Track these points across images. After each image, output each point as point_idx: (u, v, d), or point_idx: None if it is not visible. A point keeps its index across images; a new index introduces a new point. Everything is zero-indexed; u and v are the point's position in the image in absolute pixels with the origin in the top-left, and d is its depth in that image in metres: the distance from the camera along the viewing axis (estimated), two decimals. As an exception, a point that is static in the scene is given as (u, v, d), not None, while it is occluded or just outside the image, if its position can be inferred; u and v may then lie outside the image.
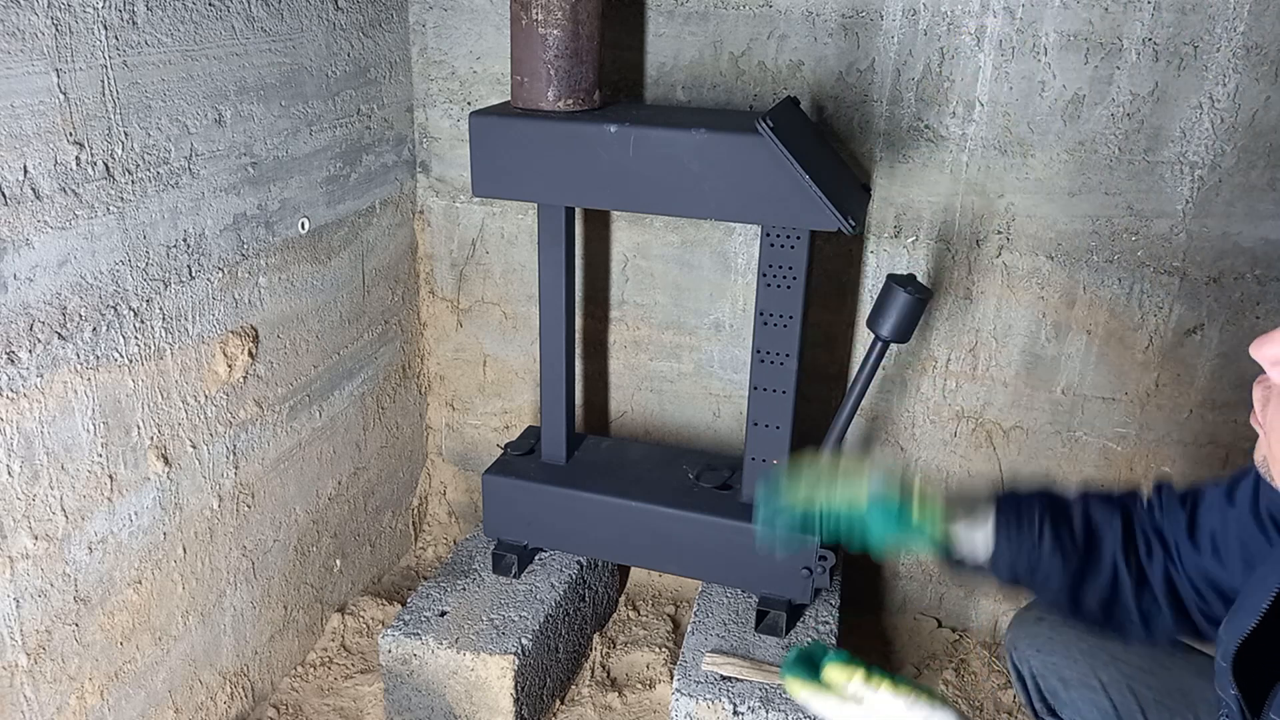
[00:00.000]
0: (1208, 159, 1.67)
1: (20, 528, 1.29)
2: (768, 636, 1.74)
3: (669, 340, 2.07)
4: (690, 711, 1.61)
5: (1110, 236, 1.76)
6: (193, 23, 1.43)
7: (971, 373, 1.92)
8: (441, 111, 2.04)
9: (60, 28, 1.22)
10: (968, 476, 1.99)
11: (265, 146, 1.62)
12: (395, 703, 1.78)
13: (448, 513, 2.40)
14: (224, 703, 1.74)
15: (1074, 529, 1.15)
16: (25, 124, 1.20)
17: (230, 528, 1.68)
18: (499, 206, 2.08)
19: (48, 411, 1.30)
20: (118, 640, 1.48)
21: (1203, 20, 1.60)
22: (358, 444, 2.05)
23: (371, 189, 1.95)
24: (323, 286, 1.84)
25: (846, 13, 1.75)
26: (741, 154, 1.51)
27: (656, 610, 2.15)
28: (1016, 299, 1.84)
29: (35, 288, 1.25)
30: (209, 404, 1.59)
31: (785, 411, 1.72)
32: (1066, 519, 1.16)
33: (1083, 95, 1.69)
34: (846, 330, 1.97)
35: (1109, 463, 1.90)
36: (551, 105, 1.64)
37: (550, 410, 1.89)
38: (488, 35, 1.96)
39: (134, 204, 1.38)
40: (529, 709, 1.77)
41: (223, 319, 1.59)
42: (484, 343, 2.21)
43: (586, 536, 1.87)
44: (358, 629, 2.05)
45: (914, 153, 1.81)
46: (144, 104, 1.36)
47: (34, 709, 1.35)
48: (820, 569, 1.72)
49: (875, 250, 1.89)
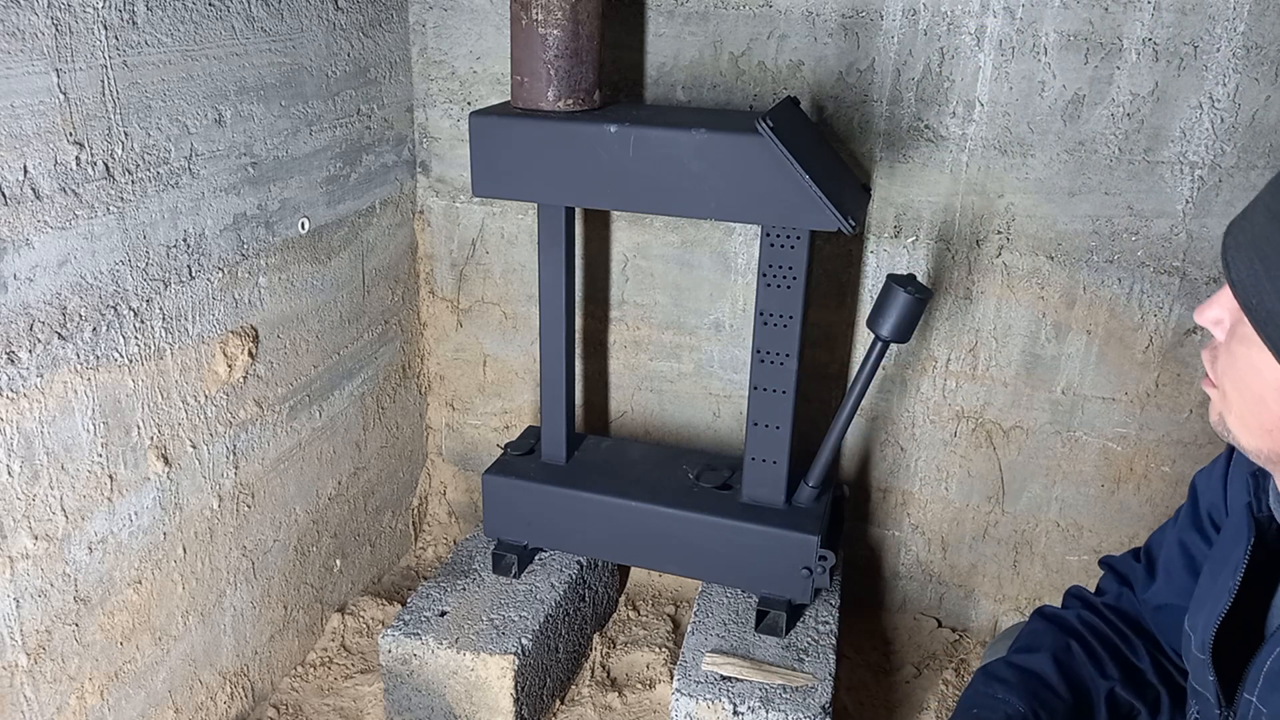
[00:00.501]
0: (1208, 159, 1.67)
1: (20, 528, 1.29)
2: (768, 636, 1.74)
3: (669, 340, 2.07)
4: (690, 711, 1.61)
5: (1110, 236, 1.76)
6: (193, 23, 1.43)
7: (971, 372, 1.92)
8: (441, 111, 2.04)
9: (60, 28, 1.22)
10: (968, 477, 1.99)
11: (265, 146, 1.62)
12: (395, 703, 1.78)
13: (448, 513, 2.40)
14: (224, 703, 1.74)
15: (1058, 692, 1.12)
16: (25, 124, 1.20)
17: (230, 528, 1.68)
18: (499, 206, 2.08)
19: (48, 411, 1.30)
20: (118, 640, 1.48)
21: (1203, 20, 1.60)
22: (358, 444, 2.05)
23: (371, 189, 1.95)
24: (323, 286, 1.84)
25: (846, 13, 1.75)
26: (741, 154, 1.51)
27: (656, 610, 2.15)
28: (1016, 299, 1.84)
29: (35, 288, 1.25)
30: (209, 404, 1.59)
31: (785, 411, 1.72)
32: (1048, 690, 1.13)
33: (1083, 95, 1.69)
34: (846, 330, 1.97)
35: (1109, 463, 1.90)
36: (551, 105, 1.64)
37: (550, 410, 1.89)
38: (488, 35, 1.96)
39: (134, 204, 1.38)
40: (529, 709, 1.77)
41: (223, 319, 1.59)
42: (484, 343, 2.21)
43: (586, 536, 1.87)
44: (358, 629, 2.05)
45: (914, 153, 1.81)
46: (144, 104, 1.36)
47: (34, 709, 1.35)
48: (820, 569, 1.72)
49: (875, 250, 1.89)
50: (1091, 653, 1.14)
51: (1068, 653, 1.15)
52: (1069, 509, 1.96)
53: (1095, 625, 1.18)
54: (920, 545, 2.09)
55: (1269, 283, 0.76)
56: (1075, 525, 1.97)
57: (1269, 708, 0.90)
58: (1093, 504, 1.94)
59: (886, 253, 1.89)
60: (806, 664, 1.68)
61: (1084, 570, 1.99)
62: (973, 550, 2.06)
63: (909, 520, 2.08)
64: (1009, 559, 2.04)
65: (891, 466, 2.04)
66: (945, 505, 2.03)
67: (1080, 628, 1.17)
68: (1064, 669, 1.13)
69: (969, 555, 2.06)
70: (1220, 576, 0.98)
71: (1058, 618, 1.20)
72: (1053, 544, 2.00)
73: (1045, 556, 2.01)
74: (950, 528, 2.05)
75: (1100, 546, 1.96)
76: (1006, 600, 2.07)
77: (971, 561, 2.07)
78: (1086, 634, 1.16)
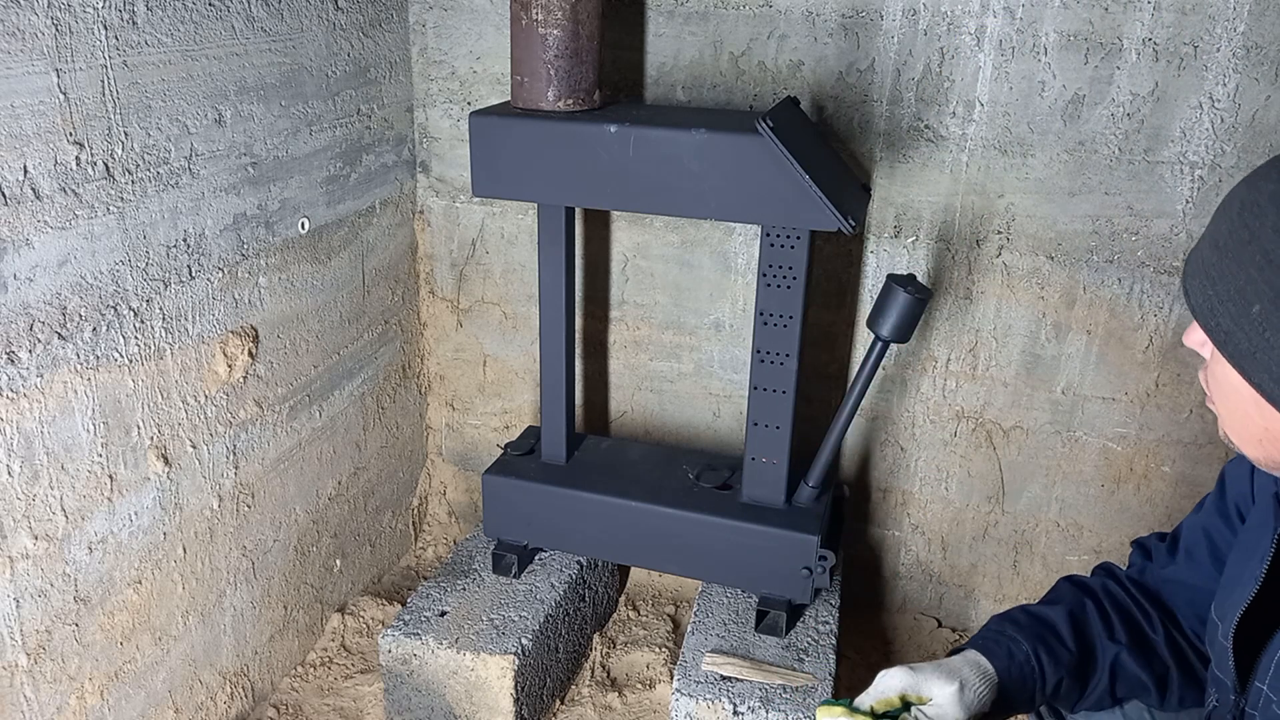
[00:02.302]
0: (1208, 159, 1.67)
1: (20, 528, 1.29)
2: (768, 636, 1.74)
3: (669, 340, 2.07)
4: (690, 711, 1.61)
5: (1110, 236, 1.76)
6: (193, 23, 1.43)
7: (971, 372, 1.92)
8: (441, 111, 2.04)
9: (60, 28, 1.22)
10: (968, 477, 1.99)
11: (265, 146, 1.62)
12: (395, 703, 1.78)
13: (448, 513, 2.40)
14: (224, 703, 1.74)
15: (1064, 641, 1.15)
16: (25, 124, 1.20)
17: (230, 528, 1.68)
18: (499, 206, 2.08)
19: (48, 411, 1.30)
20: (118, 640, 1.48)
21: (1203, 20, 1.60)
22: (358, 444, 2.05)
23: (371, 189, 1.95)
24: (323, 286, 1.84)
25: (846, 13, 1.75)
26: (741, 154, 1.51)
27: (656, 610, 2.15)
28: (1016, 299, 1.84)
29: (35, 288, 1.25)
30: (209, 404, 1.59)
31: (785, 411, 1.72)
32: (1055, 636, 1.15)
33: (1083, 95, 1.69)
34: (846, 330, 1.97)
35: (1109, 463, 1.90)
36: (551, 105, 1.64)
37: (550, 410, 1.89)
38: (488, 35, 1.96)
39: (134, 204, 1.38)
40: (529, 709, 1.77)
41: (223, 319, 1.59)
42: (484, 343, 2.21)
43: (586, 536, 1.87)
44: (358, 629, 2.05)
45: (914, 153, 1.81)
46: (144, 104, 1.36)
47: (34, 709, 1.35)
48: (820, 569, 1.72)
49: (875, 250, 1.89)
50: (1104, 615, 1.17)
51: (1082, 610, 1.18)
52: (1069, 509, 1.96)
53: (1114, 592, 1.21)
54: (920, 545, 2.09)
55: (1220, 305, 0.82)
56: (1075, 525, 1.97)
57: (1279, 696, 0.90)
58: (1093, 504, 1.94)
59: (886, 253, 1.89)
60: (806, 664, 1.68)
61: (1084, 570, 1.98)
62: (973, 550, 2.06)
63: (909, 520, 2.08)
64: (1009, 559, 2.04)
65: (891, 466, 2.04)
66: (945, 505, 2.03)
67: (1099, 592, 1.20)
68: (1076, 623, 1.16)
69: (969, 555, 2.06)
70: (1248, 564, 1.00)
71: (1081, 582, 1.23)
72: (1053, 544, 2.00)
73: (1045, 556, 2.01)
74: (950, 528, 2.05)
75: (1100, 546, 1.96)
76: (1006, 600, 2.06)
77: (971, 561, 2.07)
78: (1103, 598, 1.19)
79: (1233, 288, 0.81)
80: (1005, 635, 1.14)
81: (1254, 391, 0.82)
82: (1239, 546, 1.07)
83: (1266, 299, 0.78)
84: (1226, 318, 0.82)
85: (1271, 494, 1.00)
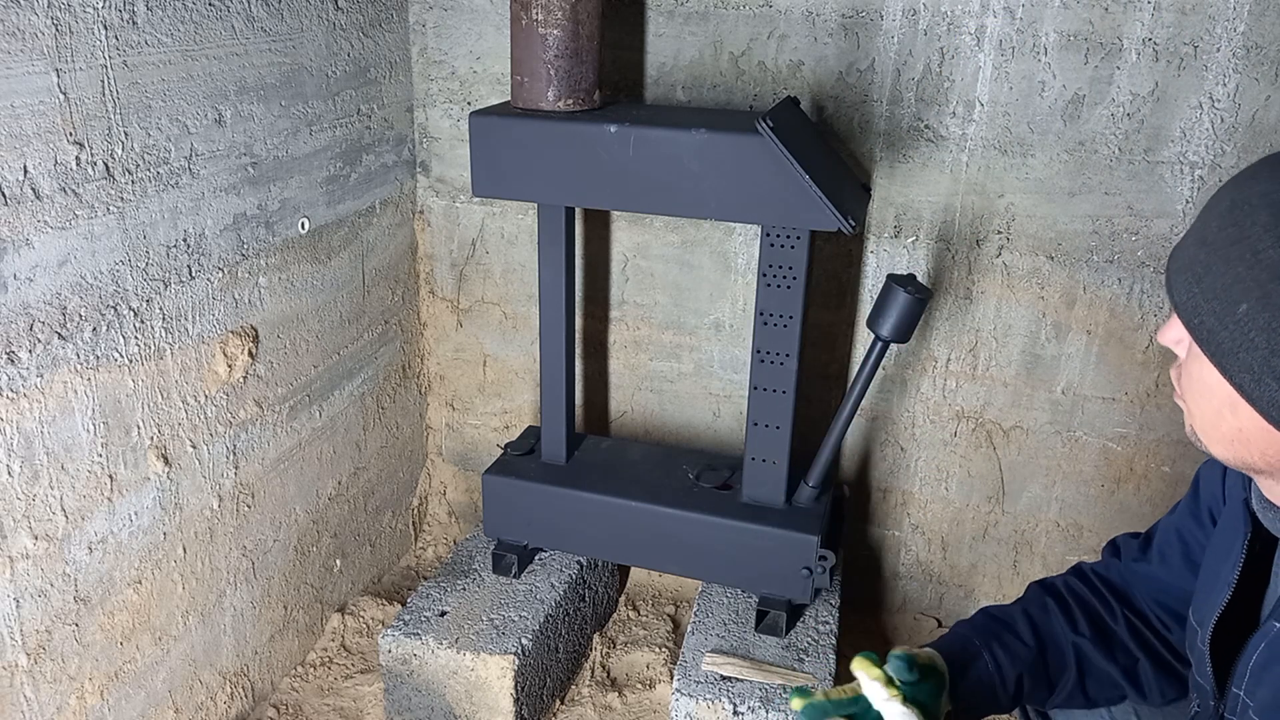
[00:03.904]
0: (1208, 159, 1.67)
1: (20, 528, 1.29)
2: (768, 636, 1.74)
3: (669, 340, 2.07)
4: (690, 711, 1.61)
5: (1110, 236, 1.76)
6: (193, 23, 1.43)
7: (971, 372, 1.92)
8: (441, 111, 2.04)
9: (60, 28, 1.22)
10: (968, 477, 1.99)
11: (265, 146, 1.62)
12: (395, 703, 1.78)
13: (448, 513, 2.40)
14: (224, 703, 1.74)
15: (1021, 637, 1.17)
16: (25, 124, 1.20)
17: (230, 528, 1.68)
18: (499, 206, 2.08)
19: (48, 411, 1.30)
20: (118, 640, 1.48)
21: (1203, 20, 1.60)
22: (358, 444, 2.05)
23: (371, 189, 1.95)
24: (323, 286, 1.84)
25: (846, 13, 1.75)
26: (741, 154, 1.51)
27: (656, 610, 2.15)
28: (1016, 299, 1.84)
29: (35, 288, 1.25)
30: (209, 404, 1.59)
31: (785, 411, 1.72)
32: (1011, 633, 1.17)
33: (1083, 95, 1.69)
34: (846, 330, 1.97)
35: (1109, 463, 1.90)
36: (551, 105, 1.64)
37: (550, 410, 1.89)
38: (488, 35, 1.96)
39: (134, 204, 1.38)
40: (529, 709, 1.77)
41: (223, 319, 1.59)
42: (484, 343, 2.21)
43: (586, 536, 1.87)
44: (358, 629, 2.05)
45: (914, 153, 1.81)
46: (144, 104, 1.36)
47: (34, 709, 1.35)
48: (820, 569, 1.72)
49: (875, 250, 1.89)
50: (1066, 610, 1.20)
51: (1042, 609, 1.20)
52: (1069, 509, 1.96)
53: (1076, 588, 1.23)
54: (920, 545, 2.09)
55: (1204, 303, 0.81)
56: (1075, 525, 1.97)
57: (1255, 701, 0.91)
58: (1093, 504, 1.94)
59: (886, 253, 1.89)
60: (806, 664, 1.68)
61: (1084, 570, 1.99)
62: (973, 550, 2.06)
63: (909, 520, 2.08)
64: (1009, 559, 2.04)
65: (891, 466, 2.04)
66: (945, 505, 2.03)
67: (1062, 588, 1.23)
68: (1033, 620, 1.18)
69: (969, 555, 2.06)
70: (1221, 569, 1.00)
71: (1045, 583, 1.26)
72: (1053, 544, 2.00)
73: (1045, 556, 2.01)
74: (950, 528, 2.05)
75: (1100, 546, 1.96)
76: (1006, 600, 2.06)
77: (971, 561, 2.07)
78: (1066, 594, 1.22)
79: (1219, 285, 0.80)
80: (957, 633, 1.17)
81: (1231, 391, 0.81)
82: (1212, 550, 1.07)
83: (1254, 297, 0.77)
84: (1210, 315, 0.81)
85: (1241, 499, 1.00)
